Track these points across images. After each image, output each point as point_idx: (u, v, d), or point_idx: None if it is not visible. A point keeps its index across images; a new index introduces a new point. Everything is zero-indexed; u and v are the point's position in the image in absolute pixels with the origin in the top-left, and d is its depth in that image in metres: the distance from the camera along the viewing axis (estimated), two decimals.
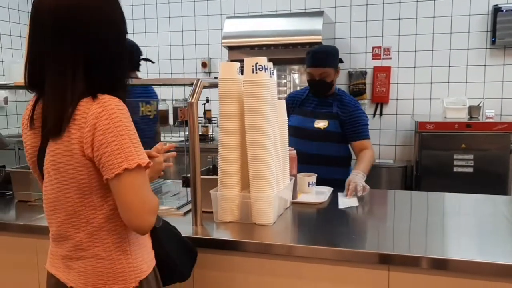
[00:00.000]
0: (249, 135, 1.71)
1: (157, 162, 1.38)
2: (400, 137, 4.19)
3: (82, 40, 1.13)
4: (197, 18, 4.54)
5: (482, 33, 3.86)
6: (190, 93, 1.66)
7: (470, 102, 3.72)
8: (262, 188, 1.71)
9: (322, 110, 2.56)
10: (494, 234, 1.65)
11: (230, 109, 1.75)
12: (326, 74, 2.48)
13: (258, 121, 1.69)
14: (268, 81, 1.70)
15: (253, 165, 1.71)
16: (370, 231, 1.77)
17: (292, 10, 4.25)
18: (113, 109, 1.10)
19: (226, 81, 1.74)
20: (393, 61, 4.10)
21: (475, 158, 3.45)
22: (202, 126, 4.06)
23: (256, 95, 1.68)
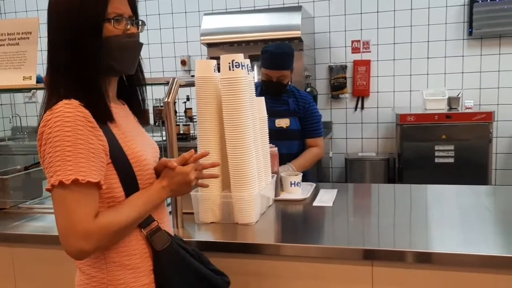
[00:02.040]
0: (228, 133, 1.67)
1: (178, 173, 1.18)
2: (381, 129, 4.21)
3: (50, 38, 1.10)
4: (175, 16, 4.47)
5: (459, 24, 3.88)
6: (166, 92, 1.62)
7: (449, 93, 3.75)
8: (243, 187, 1.67)
9: (280, 108, 2.52)
10: (477, 225, 1.64)
11: (207, 108, 1.71)
12: (283, 77, 2.46)
13: (237, 119, 1.65)
14: (246, 78, 1.66)
15: (233, 164, 1.68)
16: (354, 227, 1.75)
17: (270, 5, 4.21)
18: (59, 117, 1.01)
19: (202, 79, 1.70)
20: (373, 54, 4.10)
21: (456, 149, 3.48)
22: (183, 125, 4.00)
23: (233, 93, 1.64)
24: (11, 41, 1.92)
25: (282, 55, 2.46)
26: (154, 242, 1.16)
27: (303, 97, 2.57)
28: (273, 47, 2.52)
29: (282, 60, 2.45)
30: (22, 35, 1.91)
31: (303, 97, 2.57)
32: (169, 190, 1.18)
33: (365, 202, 2.16)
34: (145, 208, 1.13)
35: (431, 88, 3.92)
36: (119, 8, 1.11)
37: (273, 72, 2.45)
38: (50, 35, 1.11)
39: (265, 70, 2.47)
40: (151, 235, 1.15)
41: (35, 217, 1.90)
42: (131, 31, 1.13)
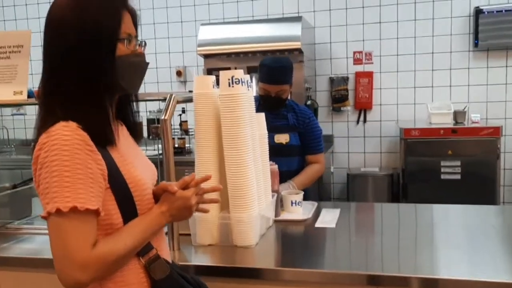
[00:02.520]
0: (227, 152, 1.68)
1: (179, 197, 1.18)
2: (385, 144, 4.23)
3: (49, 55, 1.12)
4: (171, 25, 4.51)
5: (465, 36, 3.93)
6: (163, 109, 1.63)
7: (455, 106, 3.77)
8: (242, 207, 1.68)
9: (279, 123, 2.52)
10: (485, 248, 1.65)
11: (206, 125, 1.72)
12: (282, 92, 2.47)
13: (236, 137, 1.66)
14: (245, 95, 1.68)
15: (232, 184, 1.69)
16: (357, 249, 1.76)
17: (269, 15, 4.26)
18: (56, 140, 1.01)
19: (201, 95, 1.72)
20: (375, 66, 4.14)
21: (462, 164, 3.49)
22: (178, 139, 4.02)
23: (233, 110, 1.66)
24: (2, 55, 1.94)
25: (281, 69, 2.47)
26: (153, 271, 1.14)
27: (302, 111, 2.58)
28: (271, 60, 2.53)
29: (280, 74, 2.46)
30: (13, 49, 1.93)
31: (302, 111, 2.58)
32: (168, 216, 1.17)
33: (369, 223, 2.17)
34: (144, 236, 1.12)
35: (436, 101, 3.95)
36: (129, 28, 1.14)
37: (271, 87, 2.46)
38: (49, 52, 1.11)
39: (263, 84, 2.48)
40: (149, 264, 1.14)
41: (24, 239, 1.89)
42: (139, 50, 1.17)
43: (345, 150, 4.31)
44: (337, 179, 4.34)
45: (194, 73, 4.43)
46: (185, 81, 4.51)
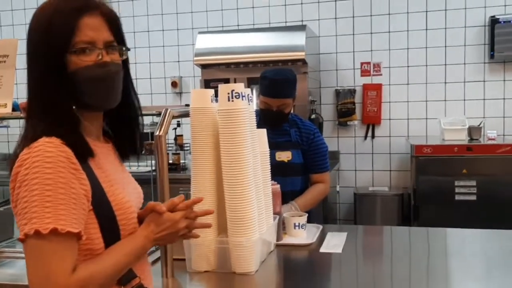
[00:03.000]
0: (226, 171, 1.68)
1: (166, 220, 1.17)
2: (394, 161, 4.23)
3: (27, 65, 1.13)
4: (166, 33, 4.54)
5: (480, 47, 3.96)
6: (158, 124, 1.63)
7: (470, 122, 3.78)
8: (241, 231, 1.67)
9: (281, 139, 2.50)
10: (504, 277, 1.64)
11: (203, 142, 1.72)
12: (285, 106, 2.46)
13: (236, 155, 1.66)
14: (246, 110, 1.68)
15: (231, 206, 1.68)
16: (364, 279, 1.74)
17: (271, 23, 4.29)
18: (38, 156, 1.00)
19: (198, 110, 1.72)
20: (384, 78, 4.16)
21: (478, 184, 3.48)
22: (173, 154, 4.02)
23: (232, 126, 1.66)
24: None
25: (284, 82, 2.47)
26: None
27: (306, 127, 2.58)
28: (273, 72, 2.52)
29: (283, 87, 2.46)
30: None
31: (306, 127, 2.58)
32: (153, 239, 1.16)
33: (377, 249, 2.15)
34: (128, 260, 1.10)
35: (449, 116, 3.96)
36: (90, 36, 1.09)
37: (273, 101, 2.45)
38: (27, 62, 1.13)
39: (264, 98, 2.47)
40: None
41: (5, 263, 1.88)
42: (103, 60, 1.10)
43: (351, 167, 4.30)
44: (344, 199, 4.33)
45: (191, 85, 4.45)
46: (181, 93, 4.53)
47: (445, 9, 3.99)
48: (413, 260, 1.91)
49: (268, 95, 2.46)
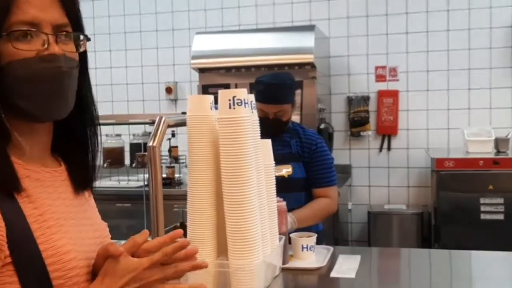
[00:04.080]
0: (227, 186, 1.68)
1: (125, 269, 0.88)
2: (413, 176, 4.23)
3: None
4: (160, 34, 4.58)
5: (507, 49, 3.98)
6: (151, 134, 1.65)
7: (496, 133, 3.78)
8: (243, 253, 1.67)
9: (280, 151, 2.46)
10: None
11: (201, 154, 1.73)
12: (282, 112, 2.46)
13: (238, 168, 1.66)
14: (249, 118, 1.69)
15: (232, 225, 1.68)
16: None
17: (276, 23, 4.32)
18: None
19: (196, 118, 1.73)
20: (401, 84, 4.18)
21: (506, 202, 3.49)
22: (167, 167, 4.03)
23: (234, 136, 1.67)
24: None
25: (280, 86, 2.47)
26: None
27: (308, 136, 2.57)
28: (269, 77, 2.55)
29: (280, 92, 2.46)
30: None
31: (308, 136, 2.57)
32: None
33: (394, 274, 2.15)
34: None
35: (473, 126, 3.97)
36: (32, 15, 0.84)
37: (269, 107, 2.45)
38: None
39: (260, 104, 2.44)
40: None
41: None
42: (49, 51, 0.86)
43: (365, 183, 4.30)
44: (356, 218, 4.32)
45: (187, 91, 4.47)
46: (176, 99, 4.55)
47: (469, 8, 4.02)
48: (433, 286, 1.91)
49: (264, 101, 2.46)
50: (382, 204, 4.21)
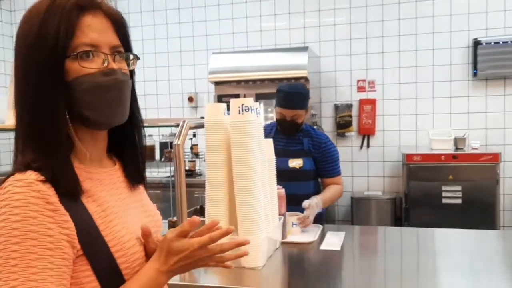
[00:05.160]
0: (237, 176, 1.69)
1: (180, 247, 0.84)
2: (388, 168, 4.21)
3: None
4: (183, 53, 4.58)
5: (464, 66, 3.95)
6: (176, 135, 1.65)
7: (455, 133, 3.76)
8: (251, 230, 1.67)
9: (294, 147, 2.50)
10: (487, 273, 1.63)
11: (217, 150, 1.74)
12: (297, 116, 2.45)
13: (246, 162, 1.67)
14: (255, 122, 1.70)
15: (241, 207, 1.68)
16: (360, 273, 1.74)
17: (277, 45, 4.31)
18: (5, 200, 0.74)
19: (212, 122, 1.74)
20: (378, 94, 4.16)
21: (463, 189, 3.46)
22: (189, 161, 4.03)
23: (243, 136, 1.67)
24: None
25: (296, 95, 2.47)
26: None
27: (319, 137, 2.54)
28: (288, 86, 2.54)
29: (295, 99, 2.46)
30: None
31: (319, 137, 2.54)
32: (167, 271, 0.85)
33: (373, 247, 2.15)
34: None
35: (437, 128, 3.95)
36: (93, 38, 0.82)
37: (287, 111, 2.45)
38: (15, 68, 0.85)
39: (279, 109, 2.47)
40: None
41: None
42: (110, 67, 0.84)
43: (349, 174, 4.29)
44: (342, 202, 4.31)
45: (205, 100, 4.47)
46: (196, 107, 4.55)
47: (433, 32, 3.99)
48: (404, 257, 1.90)
49: (282, 106, 2.46)
50: (363, 191, 4.19)
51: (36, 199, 0.74)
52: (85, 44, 0.81)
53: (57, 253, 0.74)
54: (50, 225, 0.74)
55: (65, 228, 0.76)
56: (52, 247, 0.73)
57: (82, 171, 0.84)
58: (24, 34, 0.82)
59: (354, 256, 1.94)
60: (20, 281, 0.70)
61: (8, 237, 0.72)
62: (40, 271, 0.71)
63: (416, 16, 4.01)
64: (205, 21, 4.50)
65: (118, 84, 0.85)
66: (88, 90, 0.82)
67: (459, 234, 2.17)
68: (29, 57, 0.81)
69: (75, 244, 0.77)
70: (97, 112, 0.84)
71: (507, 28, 3.82)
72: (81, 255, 0.79)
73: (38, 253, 0.72)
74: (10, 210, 0.73)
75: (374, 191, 4.16)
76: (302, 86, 2.58)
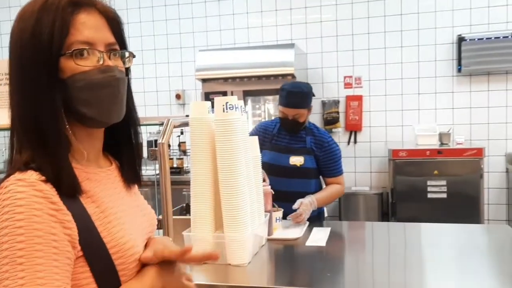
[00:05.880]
0: (222, 174, 1.68)
1: None
2: (374, 164, 4.23)
3: None
4: (170, 51, 4.55)
5: (448, 62, 3.98)
6: (161, 133, 1.64)
7: (440, 128, 3.79)
8: (236, 227, 1.67)
9: (296, 145, 2.47)
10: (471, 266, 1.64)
11: (201, 149, 1.73)
12: (299, 115, 2.41)
13: (231, 160, 1.67)
14: (239, 120, 1.69)
15: (226, 205, 1.68)
16: (348, 268, 1.75)
17: (264, 42, 4.30)
18: (8, 199, 0.73)
19: (197, 120, 1.73)
20: (365, 90, 4.17)
21: (448, 184, 3.49)
22: (177, 159, 4.01)
23: (227, 134, 1.67)
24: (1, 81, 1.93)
25: (298, 94, 2.42)
26: None
27: (321, 135, 2.50)
28: (291, 85, 2.49)
29: (297, 98, 2.42)
30: None
31: (321, 135, 2.50)
32: None
33: (359, 241, 2.16)
34: None
35: (422, 123, 3.98)
36: (88, 36, 0.81)
37: (288, 110, 2.41)
38: None
39: (282, 107, 2.44)
40: None
41: None
42: (106, 64, 0.83)
43: None
44: None
45: (193, 97, 4.45)
46: (184, 104, 4.52)
47: (418, 29, 4.01)
48: (391, 251, 1.92)
49: (284, 105, 2.42)
50: (350, 187, 4.21)
51: (40, 198, 0.74)
52: (80, 41, 0.81)
53: (62, 252, 0.74)
54: (54, 224, 0.74)
55: (68, 228, 0.76)
56: (57, 245, 0.74)
57: (81, 172, 0.83)
58: (19, 33, 0.81)
59: (339, 251, 1.95)
60: (28, 279, 0.70)
61: (14, 235, 0.71)
62: (46, 269, 0.71)
63: (401, 12, 4.03)
64: (192, 18, 4.47)
65: (115, 81, 0.84)
66: (84, 88, 0.81)
67: (445, 228, 2.19)
68: (24, 55, 0.80)
69: (76, 245, 0.77)
70: (93, 109, 0.83)
71: (490, 24, 3.85)
72: (80, 256, 0.78)
73: (44, 251, 0.72)
74: (14, 209, 0.72)
75: (361, 187, 4.18)
76: (305, 85, 2.53)
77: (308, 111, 2.48)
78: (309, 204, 2.21)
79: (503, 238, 2.00)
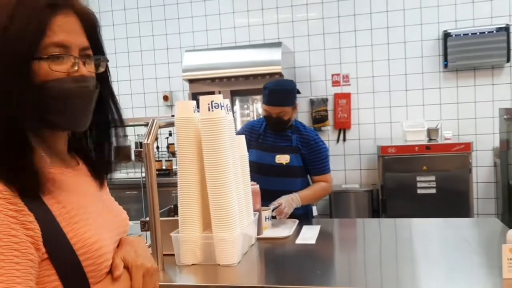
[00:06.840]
0: (209, 173, 1.67)
1: None
2: (364, 161, 4.24)
3: None
4: (157, 52, 4.52)
5: (435, 57, 4.00)
6: (146, 134, 1.62)
7: (428, 124, 3.82)
8: (224, 227, 1.66)
9: (282, 144, 2.45)
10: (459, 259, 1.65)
11: (188, 148, 1.71)
12: (283, 113, 2.39)
13: (217, 159, 1.65)
14: (225, 118, 1.68)
15: (214, 204, 1.66)
16: (340, 265, 1.74)
17: (251, 41, 4.29)
18: None
19: (182, 120, 1.71)
20: (353, 87, 4.18)
21: (437, 179, 3.52)
22: (165, 161, 3.99)
23: (213, 133, 1.65)
24: None
25: (281, 92, 2.40)
26: None
27: (308, 134, 2.48)
28: (273, 83, 2.47)
29: (280, 96, 2.39)
30: None
31: (308, 134, 2.48)
32: None
33: (349, 239, 2.15)
34: None
35: (410, 119, 4.00)
36: (63, 39, 0.79)
37: (272, 108, 2.39)
38: None
39: (265, 106, 2.42)
40: None
41: None
42: (79, 72, 0.81)
43: None
44: None
45: (180, 98, 4.42)
46: (172, 105, 4.50)
47: (404, 25, 4.03)
48: (382, 247, 1.91)
49: (267, 103, 2.40)
50: (340, 184, 4.22)
51: None
52: (55, 44, 0.78)
53: (23, 254, 0.71)
54: (14, 225, 0.71)
55: (30, 229, 0.73)
56: (17, 247, 0.71)
57: (44, 171, 0.80)
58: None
59: (329, 249, 1.94)
60: None
61: None
62: (6, 272, 0.69)
63: (387, 9, 4.05)
64: (178, 18, 4.45)
65: (88, 93, 0.84)
66: (57, 96, 0.79)
67: (435, 223, 2.19)
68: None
69: (39, 247, 0.74)
70: (62, 118, 0.81)
71: (476, 19, 3.89)
72: (45, 259, 0.75)
73: (4, 253, 0.69)
74: None
75: (351, 184, 4.19)
76: (289, 83, 2.51)
77: (293, 109, 2.45)
78: (290, 200, 2.22)
79: (492, 231, 2.01)
